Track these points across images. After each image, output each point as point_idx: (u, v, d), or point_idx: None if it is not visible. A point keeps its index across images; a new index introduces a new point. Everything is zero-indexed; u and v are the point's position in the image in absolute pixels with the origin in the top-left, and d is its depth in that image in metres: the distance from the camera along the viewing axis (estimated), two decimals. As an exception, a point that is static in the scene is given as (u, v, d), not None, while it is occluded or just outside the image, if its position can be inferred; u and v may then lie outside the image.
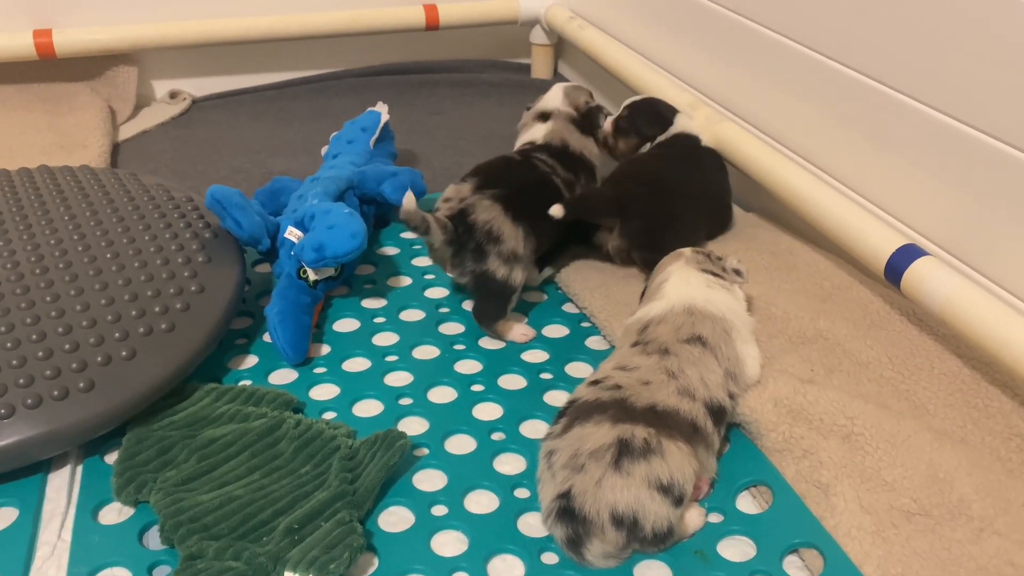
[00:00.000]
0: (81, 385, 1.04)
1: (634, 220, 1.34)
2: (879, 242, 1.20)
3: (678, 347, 1.05)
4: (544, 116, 1.48)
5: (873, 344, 1.19)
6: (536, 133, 1.46)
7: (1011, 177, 1.09)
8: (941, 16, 1.15)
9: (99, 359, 1.07)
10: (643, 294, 1.20)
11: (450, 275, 1.32)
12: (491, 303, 1.28)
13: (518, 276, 1.27)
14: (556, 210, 1.28)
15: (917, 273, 1.14)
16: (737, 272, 1.19)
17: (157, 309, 1.15)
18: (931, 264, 1.14)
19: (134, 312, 1.14)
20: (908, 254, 1.16)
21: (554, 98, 1.49)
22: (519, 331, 1.29)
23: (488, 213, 1.26)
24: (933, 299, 1.12)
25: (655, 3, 1.80)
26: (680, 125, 1.48)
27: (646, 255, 1.32)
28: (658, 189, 1.37)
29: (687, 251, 1.21)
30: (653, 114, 1.50)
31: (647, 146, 1.49)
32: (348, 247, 1.26)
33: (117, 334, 1.11)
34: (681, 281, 1.15)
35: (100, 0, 1.97)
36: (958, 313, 1.09)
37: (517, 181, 1.32)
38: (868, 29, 1.27)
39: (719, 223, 1.47)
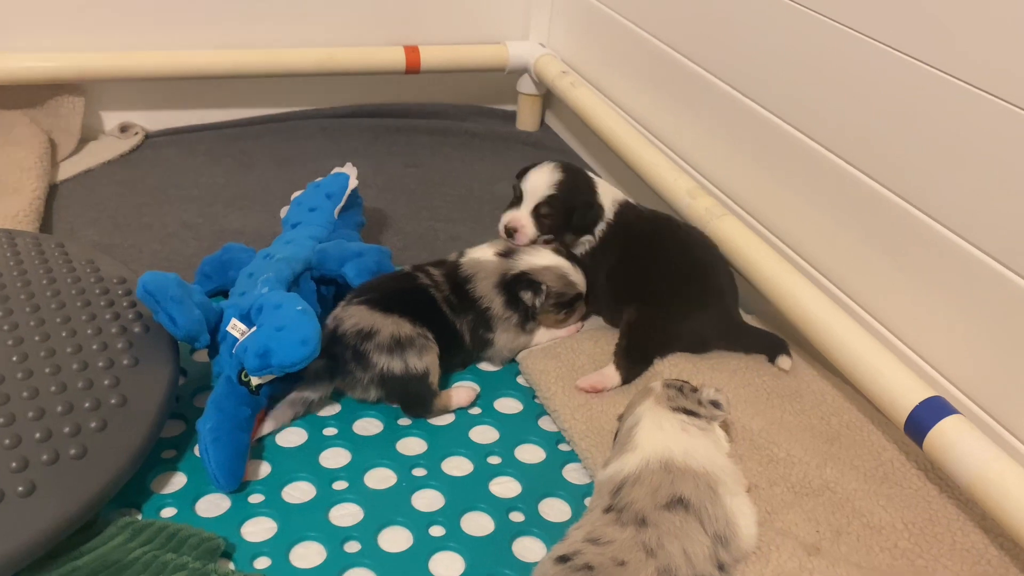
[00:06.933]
0: (-37, 531, 0.88)
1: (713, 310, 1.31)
2: (900, 390, 1.06)
3: (657, 515, 0.93)
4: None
5: (887, 504, 1.06)
6: (479, 252, 1.33)
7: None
8: (990, 153, 1.02)
9: (-12, 496, 0.91)
10: (616, 436, 1.07)
11: (356, 398, 1.24)
12: (410, 400, 1.21)
13: (416, 362, 1.19)
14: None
15: (944, 435, 1.00)
16: (715, 404, 1.06)
17: (67, 430, 0.98)
18: (960, 426, 1.00)
19: (38, 434, 0.97)
20: (934, 409, 1.02)
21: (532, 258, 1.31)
22: (461, 397, 1.23)
23: (355, 317, 1.20)
24: (960, 469, 0.98)
25: (659, 69, 1.65)
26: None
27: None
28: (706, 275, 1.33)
29: (657, 386, 1.09)
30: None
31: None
32: (297, 356, 1.11)
33: (14, 463, 0.94)
34: (654, 426, 1.03)
35: (47, 23, 1.78)
36: (990, 491, 0.95)
37: (386, 288, 1.27)
38: (897, 143, 1.14)
39: None
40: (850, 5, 1.19)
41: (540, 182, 1.34)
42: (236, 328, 1.18)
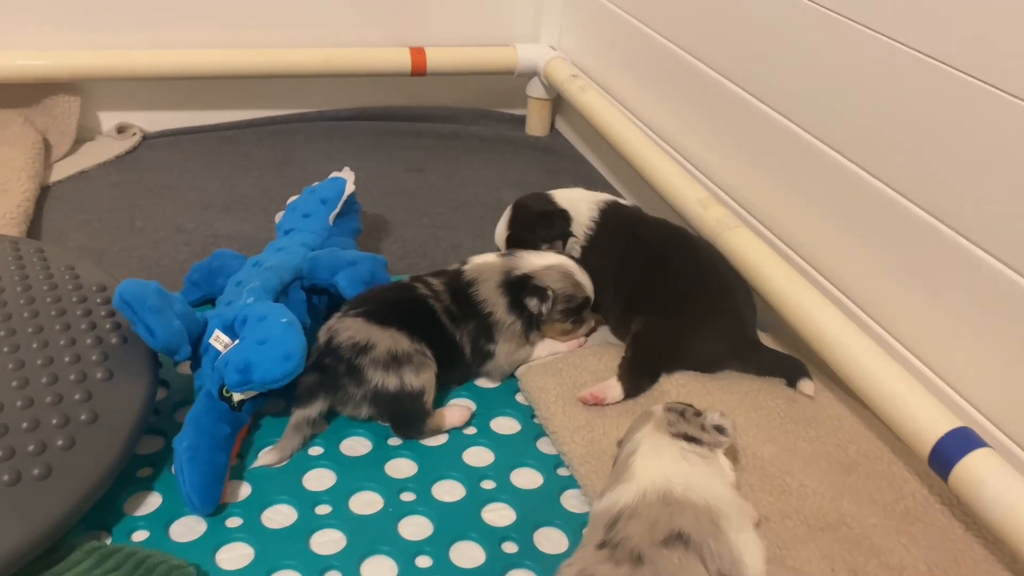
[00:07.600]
0: (-88, 558, 0.82)
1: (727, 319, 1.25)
2: (925, 419, 0.98)
3: (654, 552, 0.85)
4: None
5: (908, 542, 0.98)
6: (481, 258, 1.28)
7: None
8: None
9: (-57, 519, 0.85)
10: (614, 463, 1.00)
11: (346, 415, 1.17)
12: (401, 420, 1.14)
13: (412, 380, 1.12)
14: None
15: (972, 469, 0.93)
16: (719, 429, 0.99)
17: (31, 448, 0.93)
18: (990, 460, 0.92)
19: (0, 452, 0.91)
20: (962, 441, 0.95)
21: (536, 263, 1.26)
22: (454, 417, 1.16)
23: (350, 330, 1.15)
24: (990, 507, 0.90)
25: (672, 73, 1.58)
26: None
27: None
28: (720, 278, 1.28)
29: (658, 410, 1.02)
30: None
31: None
32: (279, 372, 1.05)
33: (-28, 484, 0.88)
34: (652, 454, 0.95)
35: (42, 21, 1.73)
36: (1021, 531, 0.87)
37: (384, 299, 1.21)
38: (923, 154, 1.06)
39: None
40: (874, 7, 1.12)
41: (499, 233, 1.42)
42: (219, 340, 1.12)
